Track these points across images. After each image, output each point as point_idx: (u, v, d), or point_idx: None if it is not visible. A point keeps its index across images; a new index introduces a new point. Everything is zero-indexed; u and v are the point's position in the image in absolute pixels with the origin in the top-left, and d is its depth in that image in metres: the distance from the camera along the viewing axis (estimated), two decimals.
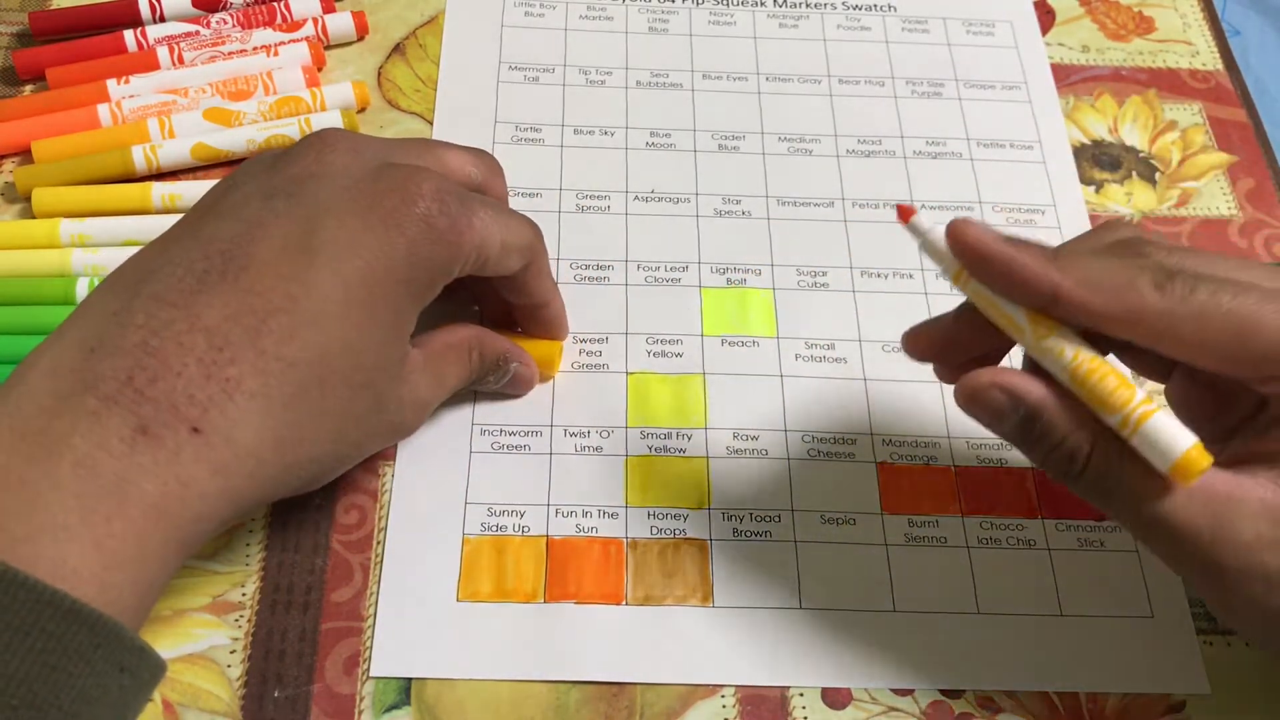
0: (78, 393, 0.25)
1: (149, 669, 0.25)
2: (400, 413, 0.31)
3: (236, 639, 0.33)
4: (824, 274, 0.41)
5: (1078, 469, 0.27)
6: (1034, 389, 0.27)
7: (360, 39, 0.46)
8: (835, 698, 0.32)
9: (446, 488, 0.35)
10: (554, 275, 0.40)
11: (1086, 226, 0.42)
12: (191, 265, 0.27)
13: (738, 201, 0.42)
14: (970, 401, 0.28)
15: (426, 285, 0.30)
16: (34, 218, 0.40)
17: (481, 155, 0.34)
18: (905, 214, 0.30)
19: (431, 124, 0.44)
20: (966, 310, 0.30)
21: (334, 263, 0.28)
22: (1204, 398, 0.30)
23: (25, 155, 0.42)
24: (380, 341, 0.29)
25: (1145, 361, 0.30)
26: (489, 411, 0.37)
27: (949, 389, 0.38)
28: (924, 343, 0.31)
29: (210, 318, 0.26)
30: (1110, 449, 0.27)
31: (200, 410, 0.25)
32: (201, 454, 0.25)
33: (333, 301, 0.27)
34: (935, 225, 0.29)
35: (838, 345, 0.39)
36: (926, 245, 0.29)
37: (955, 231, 0.28)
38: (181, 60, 0.44)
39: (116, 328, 0.26)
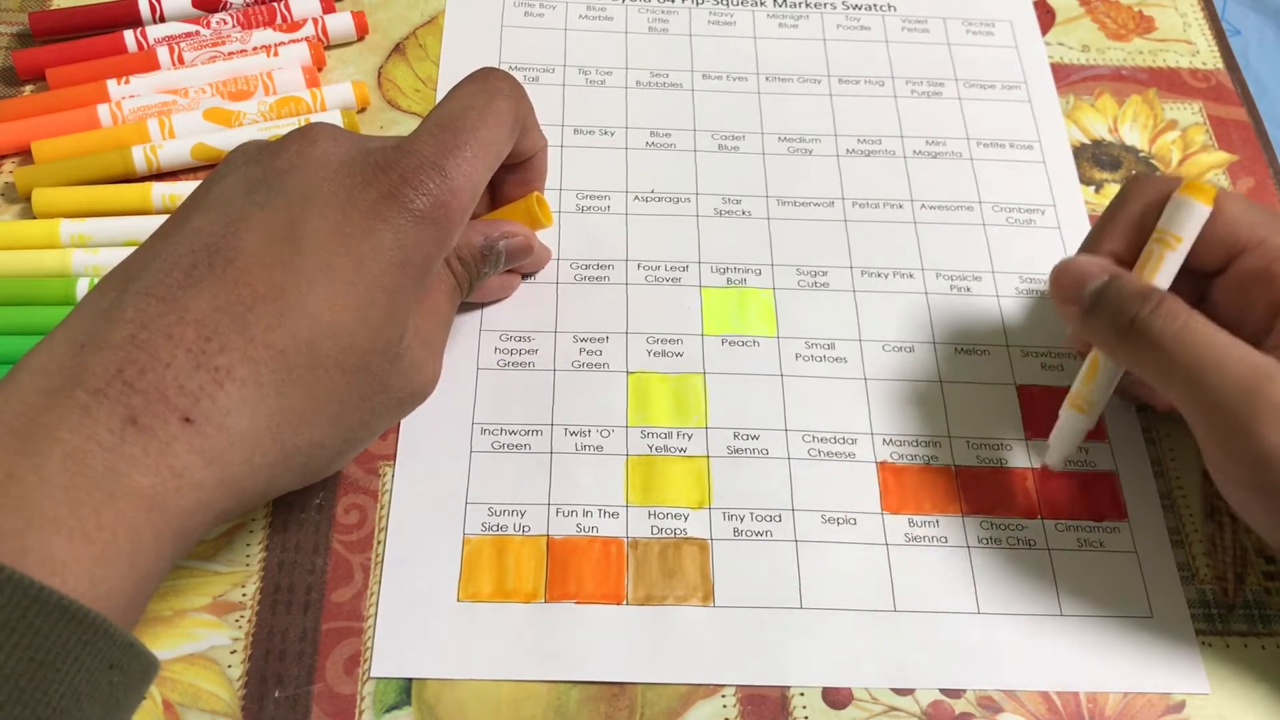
0: (67, 388, 0.25)
1: (140, 666, 0.24)
2: (407, 386, 0.31)
3: (237, 639, 0.33)
4: (824, 274, 0.41)
5: (1152, 305, 0.31)
6: (1113, 265, 0.33)
7: (360, 39, 0.46)
8: (835, 698, 0.33)
9: (447, 488, 0.35)
10: (554, 275, 0.40)
11: (1086, 227, 0.42)
12: (178, 260, 0.27)
13: (738, 201, 0.42)
14: (1062, 270, 0.33)
15: (421, 265, 0.29)
16: (34, 218, 0.40)
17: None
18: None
19: None
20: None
21: (319, 251, 0.28)
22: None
23: (25, 155, 0.42)
24: (377, 324, 0.28)
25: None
26: (489, 411, 0.37)
27: (949, 389, 0.38)
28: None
29: (198, 309, 0.26)
30: (1178, 299, 0.31)
31: (191, 400, 0.25)
32: (194, 443, 0.25)
33: (320, 287, 0.27)
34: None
35: (838, 345, 0.39)
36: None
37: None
38: (181, 60, 0.44)
39: (105, 324, 0.26)
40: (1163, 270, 0.33)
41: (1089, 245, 0.35)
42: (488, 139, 0.31)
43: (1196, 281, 0.34)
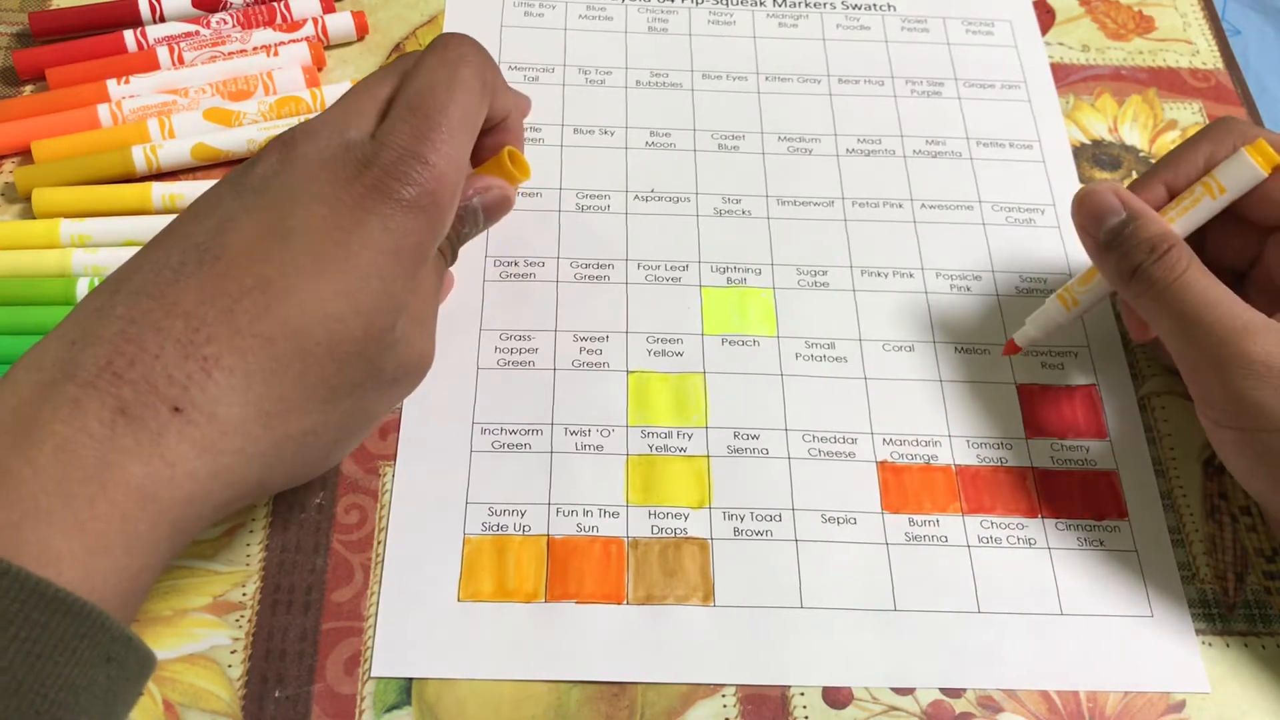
0: (59, 381, 0.25)
1: (137, 660, 0.25)
2: (401, 367, 0.31)
3: (237, 639, 0.33)
4: (824, 273, 0.41)
5: (1157, 256, 0.33)
6: (1136, 200, 0.34)
7: (360, 39, 0.46)
8: (835, 697, 0.33)
9: (447, 487, 0.35)
10: (554, 274, 0.40)
11: None
12: (167, 261, 0.28)
13: (738, 201, 0.42)
14: (1085, 198, 0.35)
15: (414, 252, 0.29)
16: (34, 218, 0.40)
17: (400, 60, 0.33)
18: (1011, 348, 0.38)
19: None
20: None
21: (308, 244, 0.28)
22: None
23: (25, 155, 0.42)
24: (369, 312, 0.29)
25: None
26: (489, 410, 0.37)
27: (949, 388, 0.38)
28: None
29: (186, 303, 0.27)
30: (1184, 248, 0.33)
31: (180, 389, 0.26)
32: (185, 433, 0.26)
33: (308, 278, 0.27)
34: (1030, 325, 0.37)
35: (838, 345, 0.39)
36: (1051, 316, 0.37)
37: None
38: (181, 60, 0.44)
39: (97, 321, 0.26)
40: (1194, 213, 0.34)
41: (1152, 174, 0.36)
42: (459, 114, 0.31)
43: (1256, 235, 0.36)
